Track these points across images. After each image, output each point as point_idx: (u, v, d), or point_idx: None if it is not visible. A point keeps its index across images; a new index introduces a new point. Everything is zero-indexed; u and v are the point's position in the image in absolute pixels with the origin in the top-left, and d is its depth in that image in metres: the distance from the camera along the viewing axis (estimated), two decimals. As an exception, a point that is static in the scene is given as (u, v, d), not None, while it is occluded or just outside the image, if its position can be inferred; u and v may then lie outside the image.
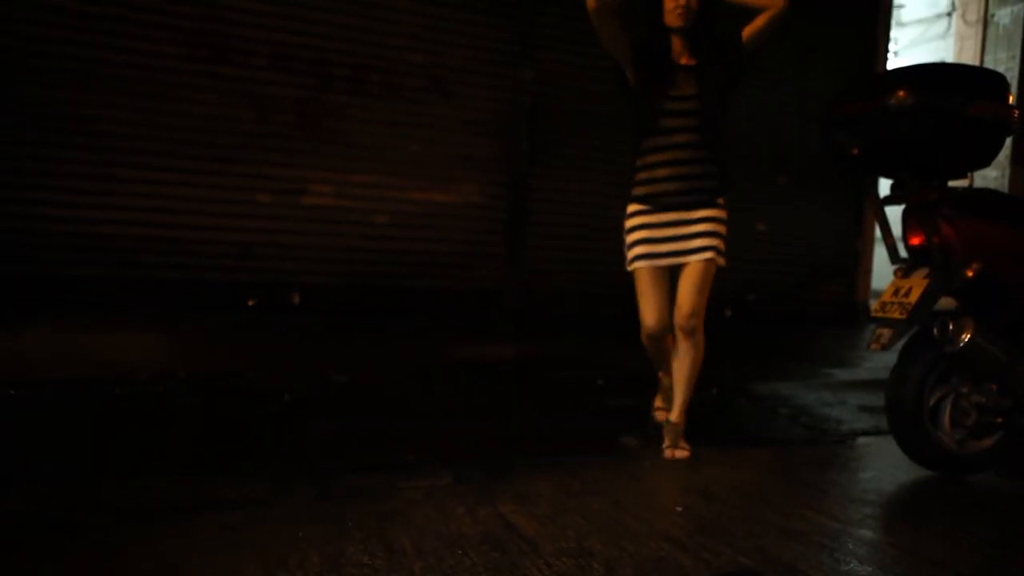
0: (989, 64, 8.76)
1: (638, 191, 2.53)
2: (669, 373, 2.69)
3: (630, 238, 2.55)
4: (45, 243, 4.42)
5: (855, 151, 2.39)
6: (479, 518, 1.86)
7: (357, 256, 5.23)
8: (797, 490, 2.27)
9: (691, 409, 2.59)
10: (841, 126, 2.43)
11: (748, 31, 2.42)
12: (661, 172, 2.47)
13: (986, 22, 9.12)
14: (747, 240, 6.73)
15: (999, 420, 2.43)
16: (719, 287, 2.58)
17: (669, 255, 2.50)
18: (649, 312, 2.53)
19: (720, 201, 2.51)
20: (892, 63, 8.06)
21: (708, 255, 2.48)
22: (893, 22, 7.73)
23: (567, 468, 2.32)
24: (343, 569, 1.54)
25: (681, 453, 2.50)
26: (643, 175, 2.51)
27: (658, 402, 2.85)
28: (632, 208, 2.55)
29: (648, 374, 3.42)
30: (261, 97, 4.91)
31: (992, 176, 8.30)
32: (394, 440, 2.48)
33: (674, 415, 2.58)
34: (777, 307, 6.81)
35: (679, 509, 2.01)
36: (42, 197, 4.41)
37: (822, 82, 6.49)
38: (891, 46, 7.75)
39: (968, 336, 2.23)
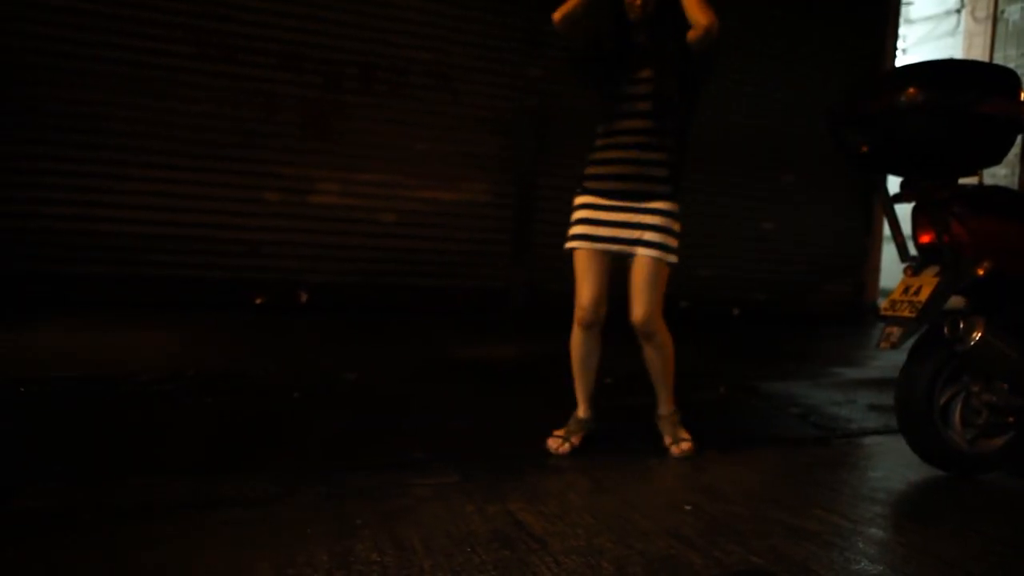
0: (998, 61, 8.71)
1: (588, 171, 2.47)
2: (586, 393, 2.54)
3: (573, 216, 2.49)
4: (51, 241, 4.44)
5: (864, 149, 2.37)
6: (488, 516, 1.86)
7: (364, 254, 5.24)
8: (807, 489, 2.26)
9: (701, 408, 2.59)
10: (850, 124, 2.41)
11: (688, 37, 2.30)
12: (611, 155, 2.41)
13: (995, 19, 9.07)
14: (755, 239, 6.72)
15: (1010, 419, 2.41)
16: (728, 286, 2.57)
17: (609, 240, 2.41)
18: (585, 290, 2.43)
19: (669, 195, 2.40)
20: (900, 61, 8.03)
21: (654, 253, 2.36)
22: (901, 19, 7.69)
23: (575, 466, 2.32)
24: (352, 566, 1.54)
25: (685, 445, 2.48)
26: (595, 156, 2.46)
27: (561, 430, 2.51)
28: (579, 190, 2.49)
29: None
30: (268, 95, 4.92)
31: (1002, 173, 8.26)
32: (402, 438, 2.49)
33: (663, 408, 2.56)
34: (785, 306, 6.80)
35: (688, 508, 2.00)
36: (49, 195, 4.43)
37: (830, 80, 6.47)
38: (899, 44, 7.71)
39: (979, 335, 2.22)
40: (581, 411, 2.54)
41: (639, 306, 2.38)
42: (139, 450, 2.24)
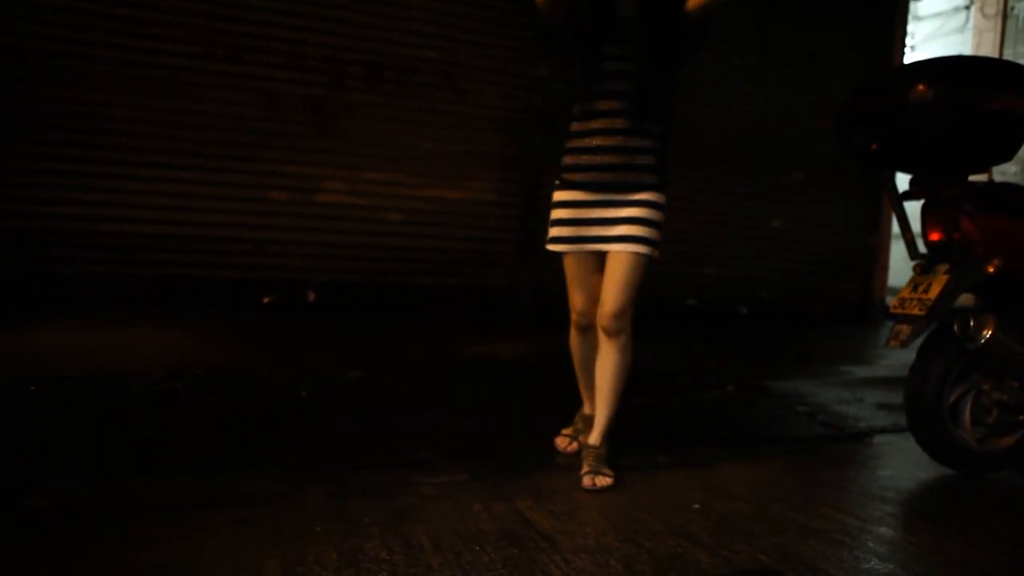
0: (1008, 57, 8.66)
1: (566, 161, 2.27)
2: (591, 390, 2.38)
3: (553, 215, 2.30)
4: (54, 241, 4.45)
5: (874, 146, 2.36)
6: (496, 514, 1.86)
7: (370, 253, 5.25)
8: (816, 488, 2.25)
9: (708, 407, 2.57)
10: (860, 122, 2.40)
11: (689, 3, 2.09)
12: (593, 142, 2.19)
13: (1005, 15, 9.02)
14: (763, 238, 6.70)
15: (1021, 418, 2.40)
16: (736, 285, 2.53)
17: (596, 240, 2.23)
18: (578, 295, 2.30)
19: (656, 186, 2.21)
20: (909, 58, 7.99)
21: (634, 247, 2.17)
22: (909, 16, 7.65)
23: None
24: (361, 564, 1.54)
25: (603, 480, 2.12)
26: (574, 143, 2.25)
27: (568, 428, 2.51)
28: (558, 183, 2.31)
29: (661, 370, 3.40)
30: (274, 95, 4.92)
31: (1012, 171, 8.21)
32: (408, 437, 2.49)
33: (592, 437, 2.24)
34: (793, 304, 6.77)
35: (696, 506, 2.00)
36: (56, 195, 4.44)
37: (838, 77, 6.44)
38: (907, 40, 7.67)
39: (989, 333, 2.21)
40: (587, 408, 2.49)
41: (612, 300, 2.17)
42: (144, 449, 2.25)
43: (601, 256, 2.26)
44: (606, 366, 2.23)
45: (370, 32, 5.13)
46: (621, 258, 2.19)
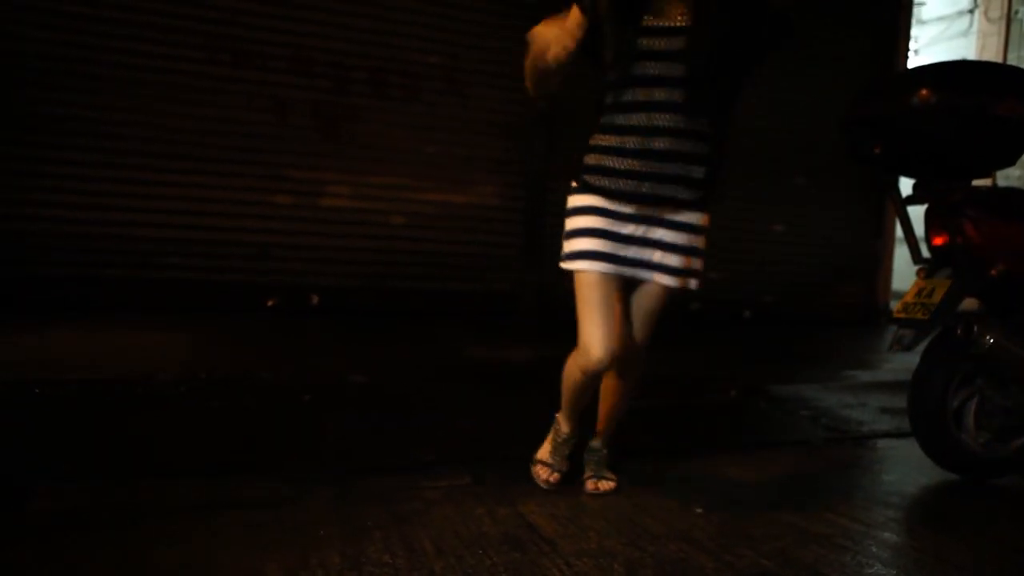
0: (1012, 62, 8.65)
1: (593, 161, 1.84)
2: (578, 414, 2.13)
3: (576, 223, 1.87)
4: (61, 244, 4.46)
5: (877, 150, 2.36)
6: (499, 518, 1.86)
7: (374, 258, 5.25)
8: (818, 492, 2.25)
9: (711, 411, 2.57)
10: (863, 125, 2.40)
11: None
12: (630, 142, 1.76)
13: (1009, 19, 9.01)
14: (766, 241, 6.69)
15: (1025, 422, 2.39)
16: (739, 288, 2.52)
17: (631, 263, 1.85)
18: (598, 337, 1.83)
19: (706, 207, 1.89)
20: (913, 62, 7.98)
21: (675, 282, 1.87)
22: (913, 20, 7.64)
23: (586, 469, 2.32)
24: (364, 568, 1.55)
25: (606, 485, 2.08)
26: (605, 141, 1.82)
27: (544, 454, 2.18)
28: (579, 187, 1.89)
29: (663, 372, 3.39)
30: (278, 99, 4.94)
31: (1015, 175, 8.19)
32: (412, 440, 2.49)
33: (597, 441, 2.17)
34: (797, 308, 6.76)
35: (699, 511, 2.00)
36: (57, 198, 4.45)
37: (842, 81, 6.43)
38: (911, 44, 7.66)
39: (993, 338, 2.20)
40: (566, 427, 2.15)
41: (641, 338, 1.97)
42: (150, 452, 2.25)
43: (626, 280, 1.91)
44: (617, 389, 2.11)
45: (373, 37, 5.14)
46: (657, 290, 1.89)
